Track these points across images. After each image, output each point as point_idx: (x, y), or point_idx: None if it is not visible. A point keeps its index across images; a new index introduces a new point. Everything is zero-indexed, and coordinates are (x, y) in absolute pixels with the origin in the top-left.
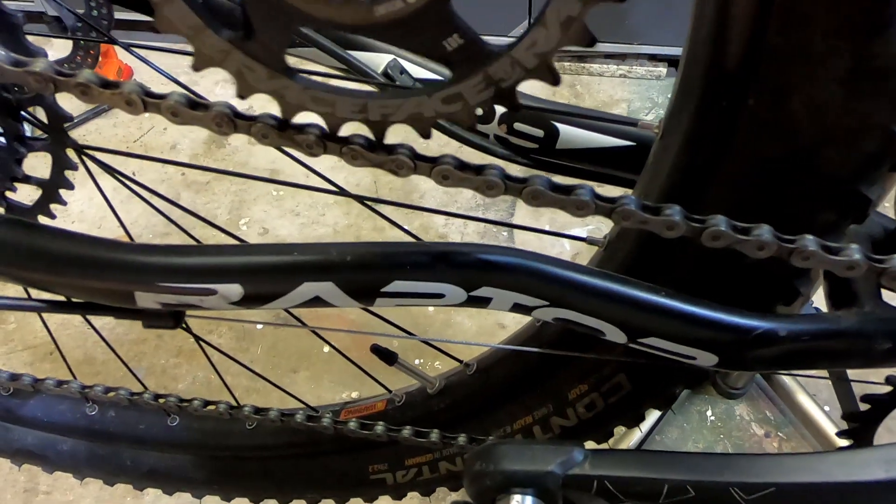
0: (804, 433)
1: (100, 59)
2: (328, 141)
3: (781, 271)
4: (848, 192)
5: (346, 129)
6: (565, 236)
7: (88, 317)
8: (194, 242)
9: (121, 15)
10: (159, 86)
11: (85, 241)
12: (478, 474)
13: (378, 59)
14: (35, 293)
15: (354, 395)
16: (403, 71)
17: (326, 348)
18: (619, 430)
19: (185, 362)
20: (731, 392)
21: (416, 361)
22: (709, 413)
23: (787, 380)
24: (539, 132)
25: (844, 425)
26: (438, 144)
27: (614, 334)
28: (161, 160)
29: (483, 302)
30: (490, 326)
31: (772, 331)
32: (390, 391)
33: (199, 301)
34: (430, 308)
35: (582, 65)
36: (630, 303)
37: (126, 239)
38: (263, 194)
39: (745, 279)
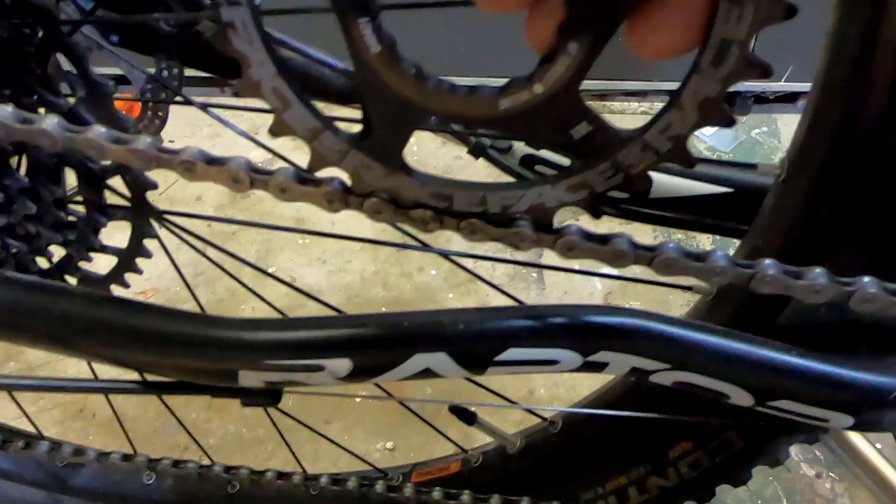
0: (857, 473)
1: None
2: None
3: None
4: None
5: None
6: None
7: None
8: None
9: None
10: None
11: (186, 318)
12: None
13: None
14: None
15: (388, 445)
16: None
17: (358, 398)
18: None
19: (215, 416)
20: None
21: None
22: None
23: None
24: None
25: None
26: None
27: (741, 397)
28: (252, 224)
29: (599, 367)
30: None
31: None
32: (465, 451)
33: (305, 378)
34: None
35: (603, 103)
36: (761, 365)
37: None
38: (289, 243)
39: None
